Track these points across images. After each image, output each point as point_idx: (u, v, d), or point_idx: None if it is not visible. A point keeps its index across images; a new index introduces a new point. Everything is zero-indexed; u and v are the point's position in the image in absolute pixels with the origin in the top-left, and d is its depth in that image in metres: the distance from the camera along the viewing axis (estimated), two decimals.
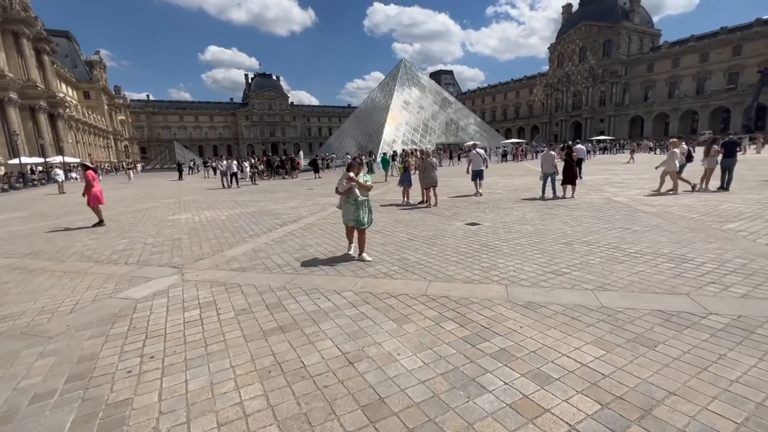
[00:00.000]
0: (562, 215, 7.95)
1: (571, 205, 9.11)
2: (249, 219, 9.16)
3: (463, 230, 6.96)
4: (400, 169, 10.40)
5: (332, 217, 8.88)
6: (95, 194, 8.65)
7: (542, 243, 5.77)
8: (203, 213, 10.47)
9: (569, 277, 4.20)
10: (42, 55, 49.19)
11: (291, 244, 6.40)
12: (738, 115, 61.29)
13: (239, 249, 6.21)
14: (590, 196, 10.46)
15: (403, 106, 44.66)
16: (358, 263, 5.12)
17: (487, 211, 8.92)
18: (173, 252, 6.18)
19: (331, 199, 12.33)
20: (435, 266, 4.84)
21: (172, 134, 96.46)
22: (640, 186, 12.32)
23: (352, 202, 5.25)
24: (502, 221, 7.62)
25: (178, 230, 8.05)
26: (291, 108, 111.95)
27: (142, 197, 16.30)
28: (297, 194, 14.62)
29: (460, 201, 10.68)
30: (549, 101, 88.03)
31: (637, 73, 74.70)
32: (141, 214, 10.77)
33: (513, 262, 4.88)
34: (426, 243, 6.10)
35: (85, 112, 69.07)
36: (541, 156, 10.55)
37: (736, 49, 62.47)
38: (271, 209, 10.65)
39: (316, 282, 4.43)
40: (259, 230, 7.74)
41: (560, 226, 6.94)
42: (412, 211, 9.30)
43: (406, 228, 7.40)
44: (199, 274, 4.94)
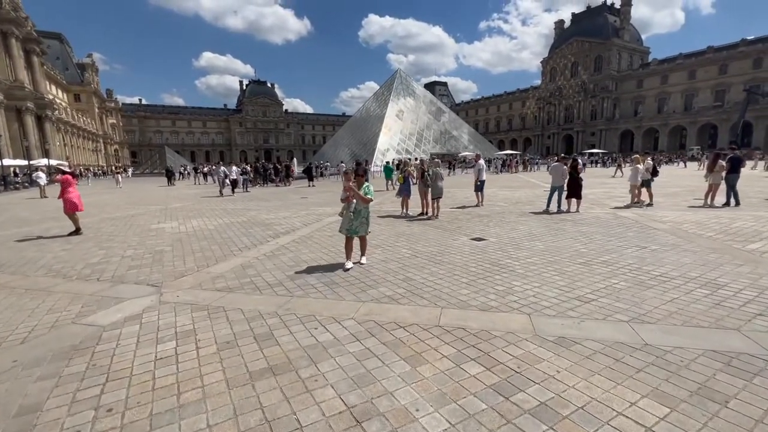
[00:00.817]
0: (571, 231, 7.56)
1: (578, 220, 8.75)
2: (239, 230, 8.60)
3: (469, 246, 6.51)
4: (399, 179, 9.97)
5: (328, 228, 8.37)
6: (71, 200, 8.02)
7: (557, 262, 5.34)
8: (190, 222, 9.87)
9: (597, 305, 3.75)
10: (31, 56, 48.18)
11: (284, 260, 5.87)
12: (725, 131, 62.70)
13: (227, 264, 5.65)
14: (594, 211, 10.14)
15: (397, 115, 44.64)
16: (360, 284, 4.61)
17: (491, 225, 8.51)
18: (153, 267, 5.60)
19: (327, 208, 11.82)
20: (445, 289, 4.35)
21: (164, 139, 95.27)
22: None
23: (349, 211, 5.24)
24: (508, 237, 7.20)
25: (161, 241, 7.45)
26: (285, 115, 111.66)
27: (127, 203, 15.58)
28: (290, 203, 14.07)
29: (461, 213, 10.26)
30: (541, 114, 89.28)
31: (627, 88, 76.31)
32: (123, 222, 10.11)
33: (530, 284, 4.42)
34: (431, 260, 5.62)
35: (74, 114, 67.79)
36: (551, 168, 10.20)
37: (722, 67, 64.29)
38: (263, 219, 10.09)
39: (313, 306, 3.91)
40: (249, 243, 7.18)
41: (572, 243, 6.54)
42: (412, 224, 8.84)
43: (407, 242, 6.92)
44: (180, 294, 4.38)
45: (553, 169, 10.28)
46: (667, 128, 70.07)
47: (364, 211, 5.38)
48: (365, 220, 5.41)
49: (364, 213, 5.38)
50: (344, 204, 5.41)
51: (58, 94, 66.00)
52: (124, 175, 38.39)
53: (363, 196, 5.29)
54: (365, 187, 5.34)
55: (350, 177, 5.49)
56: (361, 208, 5.31)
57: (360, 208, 5.30)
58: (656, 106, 72.43)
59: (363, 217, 5.38)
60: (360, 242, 5.57)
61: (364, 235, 5.52)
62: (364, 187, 5.33)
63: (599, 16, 79.49)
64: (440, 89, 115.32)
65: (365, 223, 5.42)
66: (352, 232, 5.34)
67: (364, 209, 5.37)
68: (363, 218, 5.38)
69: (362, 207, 5.31)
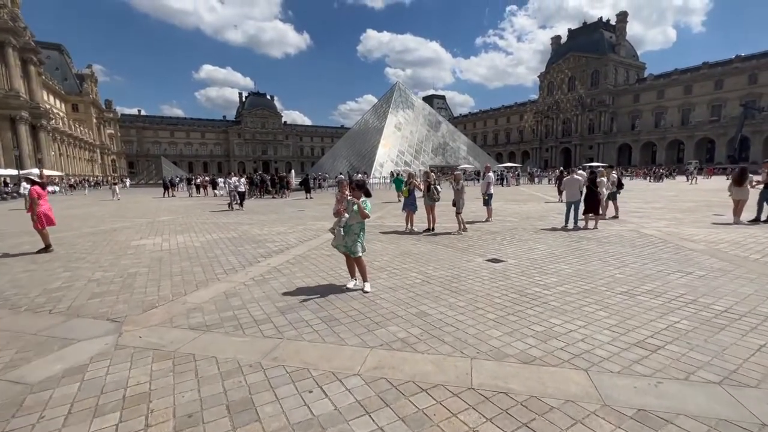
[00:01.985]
0: (596, 251, 6.80)
1: (600, 239, 8.00)
2: (227, 247, 7.78)
3: (487, 270, 5.72)
4: (404, 193, 9.21)
5: (326, 246, 7.57)
6: (41, 215, 7.20)
7: (595, 292, 4.56)
8: (176, 237, 9.03)
9: (669, 356, 2.96)
10: (28, 65, 47.84)
11: (275, 285, 5.05)
12: (722, 145, 62.95)
13: (207, 292, 4.82)
14: (613, 227, 9.41)
15: (396, 128, 44.38)
16: (364, 321, 3.80)
17: (505, 243, 7.74)
18: (121, 294, 4.76)
19: (324, 223, 11.03)
20: (470, 329, 3.55)
21: (162, 150, 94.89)
22: (660, 216, 11.38)
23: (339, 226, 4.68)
24: (528, 258, 6.43)
25: (138, 261, 6.61)
26: (284, 127, 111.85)
27: (114, 216, 14.73)
28: (286, 217, 13.28)
29: (471, 229, 9.48)
30: (539, 127, 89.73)
31: (624, 102, 76.91)
32: (102, 237, 9.27)
33: (573, 323, 3.63)
34: (446, 288, 4.83)
35: (71, 124, 67.29)
36: (565, 181, 9.48)
37: (717, 82, 64.95)
38: (255, 235, 9.27)
39: (307, 355, 3.09)
40: (237, 263, 6.36)
41: (603, 266, 5.77)
42: (419, 242, 8.06)
43: (416, 264, 6.13)
44: (144, 334, 3.55)
45: (568, 183, 9.58)
46: (665, 142, 70.34)
47: (356, 226, 4.72)
48: (357, 237, 4.72)
49: (356, 229, 4.72)
50: (336, 219, 4.72)
51: (56, 104, 65.62)
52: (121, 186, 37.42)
53: (363, 210, 4.63)
54: (363, 202, 4.69)
55: (346, 187, 4.75)
56: (353, 223, 4.70)
57: (351, 224, 4.69)
58: (653, 120, 72.88)
59: (354, 233, 4.71)
60: (357, 265, 4.86)
61: (359, 256, 4.75)
62: (362, 202, 4.68)
63: (595, 32, 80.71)
64: (438, 102, 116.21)
65: (357, 242, 4.70)
66: (348, 249, 4.73)
67: (356, 225, 4.71)
68: (354, 234, 4.70)
69: (354, 222, 4.70)
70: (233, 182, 17.08)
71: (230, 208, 16.17)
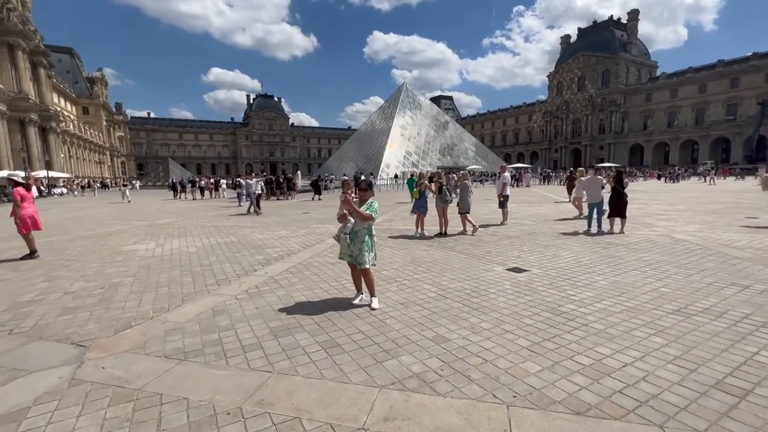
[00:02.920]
0: (630, 260, 6.09)
1: (630, 245, 7.28)
2: (224, 253, 7.23)
3: (510, 281, 5.07)
4: (415, 194, 8.59)
5: (329, 252, 6.98)
6: (25, 218, 6.72)
7: (641, 310, 3.89)
8: (171, 242, 8.52)
9: (762, 403, 2.30)
10: (38, 68, 48.32)
11: (270, 300, 4.46)
12: (738, 145, 61.19)
13: (193, 307, 4.25)
14: (641, 231, 8.67)
15: (403, 128, 43.81)
16: (372, 348, 3.19)
17: (525, 249, 7.07)
18: (95, 310, 4.21)
19: (329, 226, 10.45)
20: (500, 361, 2.92)
21: (171, 152, 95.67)
22: (688, 218, 10.58)
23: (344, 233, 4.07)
24: (554, 267, 5.76)
25: (124, 269, 6.08)
26: (291, 129, 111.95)
27: (113, 218, 14.33)
28: (290, 219, 12.73)
29: (485, 233, 8.83)
30: (548, 128, 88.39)
31: (636, 102, 75.31)
32: (95, 242, 8.79)
33: (625, 353, 2.97)
34: (466, 304, 4.19)
35: (81, 127, 68.00)
36: (585, 182, 8.78)
37: (733, 81, 63.21)
38: (255, 240, 8.72)
39: (301, 397, 2.49)
40: (232, 272, 5.79)
41: (641, 278, 5.08)
42: (431, 247, 7.42)
43: (429, 273, 5.50)
44: (109, 364, 2.98)
45: (589, 183, 8.86)
46: (678, 142, 68.65)
47: (363, 233, 4.09)
48: (365, 245, 4.08)
49: (362, 236, 4.09)
50: (341, 225, 4.12)
51: (67, 106, 66.40)
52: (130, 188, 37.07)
53: (362, 212, 3.99)
54: (369, 204, 4.09)
55: (350, 187, 4.15)
56: (359, 229, 4.09)
57: (357, 230, 4.09)
58: (666, 119, 71.19)
59: (361, 241, 4.07)
60: (364, 278, 4.25)
61: (367, 267, 4.11)
62: (368, 204, 4.07)
63: (606, 30, 79.29)
64: (446, 103, 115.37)
65: (366, 251, 4.08)
66: (354, 259, 4.13)
67: (362, 231, 4.10)
68: (361, 242, 4.06)
69: (360, 228, 4.09)
70: (253, 184, 15.11)
71: (249, 212, 14.67)
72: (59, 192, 39.26)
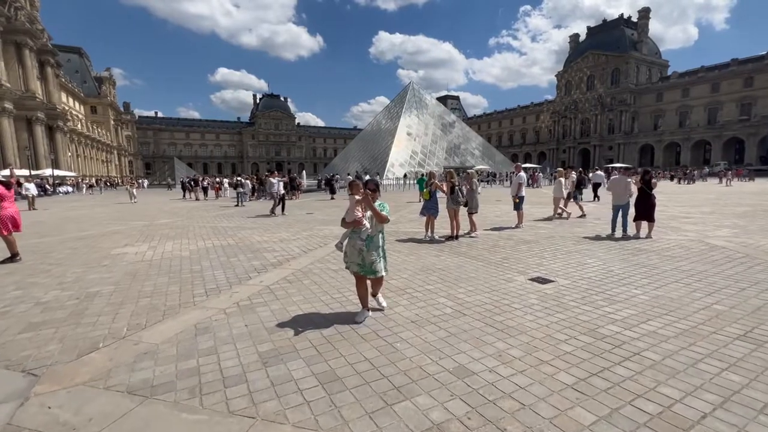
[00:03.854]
0: (666, 269, 5.45)
1: (661, 251, 6.62)
2: (218, 258, 6.70)
3: (535, 294, 4.46)
4: (425, 195, 8.00)
5: (333, 258, 6.42)
6: (3, 219, 6.24)
7: (699, 334, 3.26)
8: (165, 245, 8.01)
9: None
10: (46, 67, 48.49)
11: (263, 315, 3.91)
12: (753, 145, 59.63)
13: (174, 324, 3.70)
14: (670, 236, 7.99)
15: (409, 128, 43.28)
16: (379, 382, 2.61)
17: (546, 255, 6.45)
18: (63, 326, 3.69)
19: (333, 228, 9.91)
20: (541, 405, 2.32)
21: (178, 151, 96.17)
22: (716, 222, 9.85)
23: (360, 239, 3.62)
24: (582, 276, 5.14)
25: (107, 276, 5.57)
26: (297, 128, 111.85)
27: (111, 219, 13.92)
28: (292, 220, 12.20)
29: (500, 237, 8.22)
30: (556, 128, 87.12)
31: (646, 102, 73.84)
32: (85, 243, 8.33)
33: (700, 397, 2.36)
34: (489, 323, 3.60)
35: (89, 126, 68.37)
36: (611, 182, 8.13)
37: (747, 80, 61.62)
38: (255, 242, 8.19)
39: None
40: (224, 280, 5.25)
41: (686, 291, 4.44)
42: (442, 252, 6.82)
43: (443, 284, 4.91)
44: (57, 402, 2.43)
45: (614, 184, 8.20)
46: (690, 142, 67.14)
47: (378, 237, 3.72)
48: (381, 251, 3.68)
49: (377, 241, 3.71)
50: (347, 230, 3.63)
51: (75, 106, 66.77)
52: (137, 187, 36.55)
53: (381, 213, 3.55)
54: (381, 205, 3.62)
55: (359, 189, 3.69)
56: (375, 234, 3.70)
57: (372, 235, 3.68)
58: (677, 119, 69.66)
59: (377, 246, 3.69)
60: (374, 286, 3.94)
61: (383, 275, 3.74)
62: (380, 205, 3.67)
63: (616, 29, 77.92)
64: (452, 103, 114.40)
65: (382, 258, 3.67)
66: (366, 270, 3.66)
67: (378, 235, 3.73)
68: (377, 247, 3.69)
69: (376, 232, 3.72)
70: (276, 183, 13.98)
71: (273, 214, 13.49)
72: (65, 191, 39.28)
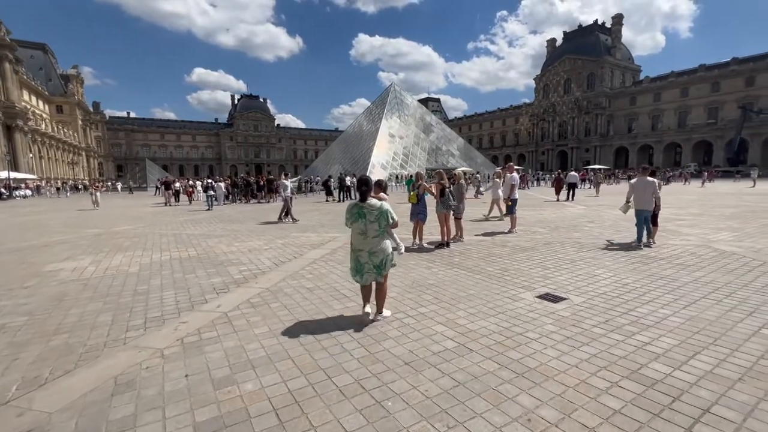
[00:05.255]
0: (685, 280, 4.85)
1: (670, 258, 6.07)
2: (173, 274, 5.69)
3: (549, 317, 3.73)
4: (412, 198, 7.20)
5: (310, 271, 5.53)
6: None
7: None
8: (113, 258, 6.90)
9: None
10: (3, 62, 45.19)
11: (212, 358, 3.00)
12: (720, 148, 62.20)
13: (85, 377, 2.75)
14: (672, 241, 7.51)
15: (391, 129, 42.74)
16: None
17: (549, 266, 5.77)
18: None
19: (311, 235, 9.00)
20: None
21: (152, 153, 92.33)
22: (711, 224, 9.52)
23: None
24: (595, 292, 4.47)
25: (24, 302, 4.49)
26: (277, 130, 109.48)
27: (65, 225, 12.49)
28: (267, 226, 11.19)
29: (493, 244, 7.53)
30: (535, 130, 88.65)
31: (621, 105, 76.09)
32: (18, 257, 7.10)
33: None
34: (502, 363, 2.82)
35: (55, 126, 64.36)
36: (633, 184, 7.14)
37: (714, 85, 64.33)
38: (220, 253, 7.18)
39: None
40: (172, 305, 4.29)
41: (721, 310, 3.82)
42: (433, 263, 6.05)
43: (438, 305, 4.12)
44: None
45: (640, 187, 7.04)
46: (662, 145, 69.55)
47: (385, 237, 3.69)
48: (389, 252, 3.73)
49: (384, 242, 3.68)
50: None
51: (39, 104, 62.76)
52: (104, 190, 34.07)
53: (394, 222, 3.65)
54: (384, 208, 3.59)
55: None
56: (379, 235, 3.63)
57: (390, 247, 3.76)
58: (650, 123, 72.07)
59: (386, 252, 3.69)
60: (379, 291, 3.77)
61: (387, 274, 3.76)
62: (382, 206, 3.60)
63: (591, 34, 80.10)
64: (433, 105, 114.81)
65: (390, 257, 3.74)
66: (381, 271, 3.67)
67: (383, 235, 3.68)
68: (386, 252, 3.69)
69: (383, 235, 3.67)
70: (288, 186, 12.72)
71: (281, 220, 12.03)
72: (23, 194, 36.49)
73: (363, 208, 3.50)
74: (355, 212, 3.53)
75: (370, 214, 3.49)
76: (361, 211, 3.51)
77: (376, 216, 3.49)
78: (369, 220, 3.49)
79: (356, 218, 3.53)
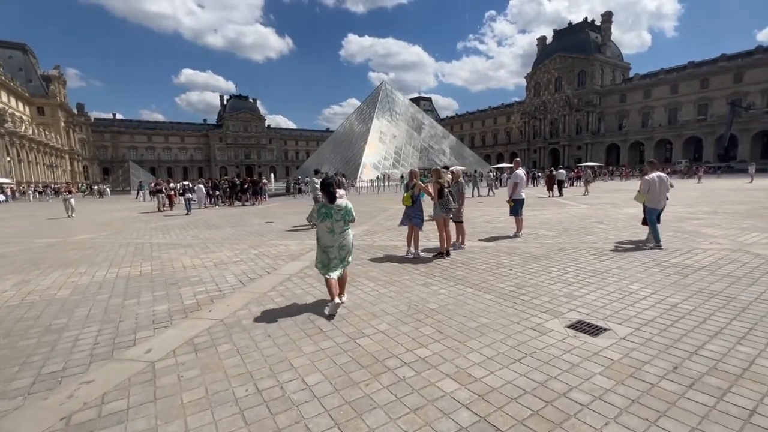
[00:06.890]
0: (746, 299, 3.90)
1: (710, 267, 5.12)
2: (109, 299, 4.57)
3: (594, 361, 2.73)
4: (406, 200, 6.15)
5: (282, 292, 4.47)
6: None
7: None
8: (46, 276, 5.73)
9: None
10: None
11: None
12: (710, 144, 62.50)
13: None
14: (700, 245, 6.58)
15: (382, 128, 41.83)
16: None
17: (569, 279, 4.79)
18: None
19: (291, 243, 7.91)
20: None
21: (140, 155, 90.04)
22: (731, 224, 8.67)
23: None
24: (642, 318, 3.49)
25: None
26: (267, 131, 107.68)
27: (20, 234, 11.20)
28: (244, 233, 10.06)
29: (499, 251, 6.54)
30: (527, 129, 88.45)
31: (611, 102, 76.18)
32: None
33: None
34: None
35: (35, 128, 61.92)
36: (648, 182, 6.27)
37: (703, 82, 64.65)
38: (179, 268, 6.06)
39: None
40: (86, 350, 3.19)
41: None
42: (432, 278, 5.02)
43: (442, 342, 3.10)
44: None
45: (655, 183, 6.33)
46: (653, 141, 69.73)
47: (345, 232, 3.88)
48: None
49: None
50: None
51: (18, 106, 60.42)
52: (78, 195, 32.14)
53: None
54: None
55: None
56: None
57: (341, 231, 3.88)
58: (640, 119, 72.24)
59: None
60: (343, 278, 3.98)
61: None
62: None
63: (581, 32, 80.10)
64: (425, 104, 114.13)
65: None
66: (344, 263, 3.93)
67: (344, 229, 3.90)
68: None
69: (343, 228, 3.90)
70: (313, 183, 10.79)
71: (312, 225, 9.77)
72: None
73: (331, 209, 3.77)
74: (323, 212, 3.80)
75: (337, 214, 3.78)
76: (329, 211, 3.78)
77: (342, 215, 3.80)
78: (335, 219, 3.78)
79: (324, 218, 3.80)
